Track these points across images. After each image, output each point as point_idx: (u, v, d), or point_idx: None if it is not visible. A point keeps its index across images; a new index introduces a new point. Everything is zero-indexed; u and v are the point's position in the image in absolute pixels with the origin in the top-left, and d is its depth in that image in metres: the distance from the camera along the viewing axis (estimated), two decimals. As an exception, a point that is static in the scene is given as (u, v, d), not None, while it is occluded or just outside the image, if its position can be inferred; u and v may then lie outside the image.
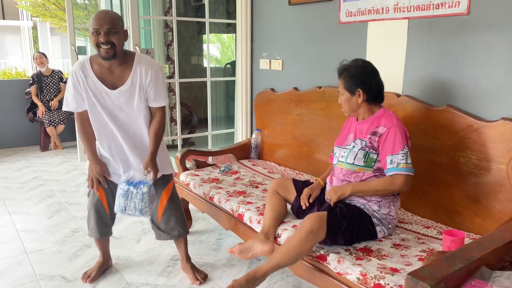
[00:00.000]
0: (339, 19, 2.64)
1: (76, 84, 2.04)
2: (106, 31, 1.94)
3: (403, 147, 1.86)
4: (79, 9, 10.40)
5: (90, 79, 2.04)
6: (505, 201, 1.86)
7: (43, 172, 4.47)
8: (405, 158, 1.85)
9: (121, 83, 2.05)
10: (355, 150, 1.97)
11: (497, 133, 1.88)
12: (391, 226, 1.96)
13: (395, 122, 1.90)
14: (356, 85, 1.94)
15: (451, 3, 2.04)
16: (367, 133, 1.96)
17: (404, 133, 1.90)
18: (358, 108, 1.99)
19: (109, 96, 2.05)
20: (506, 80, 1.91)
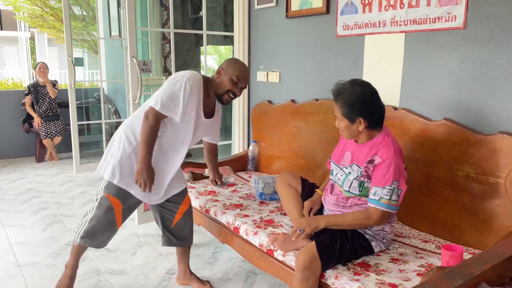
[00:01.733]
0: (336, 32, 2.65)
1: (188, 94, 2.03)
2: (243, 87, 2.15)
3: (391, 182, 1.75)
4: (77, 20, 10.42)
5: (198, 102, 2.09)
6: (503, 215, 1.85)
7: (38, 184, 4.43)
8: (389, 194, 1.75)
9: (210, 115, 2.22)
10: (350, 178, 1.89)
11: (495, 147, 1.88)
12: (385, 240, 1.93)
13: (391, 155, 1.78)
14: (356, 114, 1.80)
15: (448, 17, 2.05)
16: (364, 160, 1.86)
17: (397, 168, 1.77)
18: (358, 134, 1.87)
19: (200, 123, 2.16)
20: (502, 94, 1.91)
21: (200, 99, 2.09)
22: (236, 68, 2.12)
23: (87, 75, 11.41)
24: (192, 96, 2.04)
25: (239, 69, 2.12)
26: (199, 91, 2.08)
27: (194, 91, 2.04)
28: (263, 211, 2.41)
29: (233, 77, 2.10)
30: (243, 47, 3.46)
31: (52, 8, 11.67)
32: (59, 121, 5.37)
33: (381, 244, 1.91)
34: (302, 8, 2.88)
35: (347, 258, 1.80)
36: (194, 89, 2.04)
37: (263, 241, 2.08)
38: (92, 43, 9.37)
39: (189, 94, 2.03)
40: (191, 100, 2.05)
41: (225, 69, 2.12)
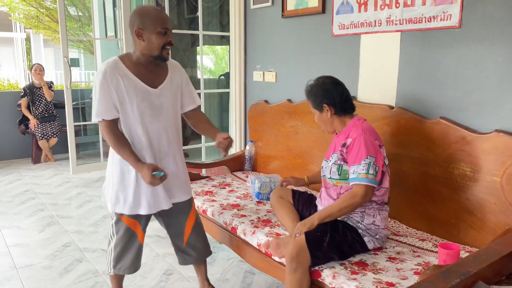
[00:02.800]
0: (332, 31, 2.65)
1: (107, 87, 1.81)
2: (171, 29, 1.86)
3: (365, 157, 1.82)
4: (72, 21, 10.40)
5: (128, 79, 1.84)
6: (499, 214, 1.85)
7: (35, 185, 4.41)
8: (366, 168, 1.81)
9: (160, 82, 1.93)
10: (330, 164, 2.00)
11: (491, 145, 1.88)
12: (379, 236, 1.92)
13: (359, 132, 1.87)
14: (321, 101, 1.97)
15: (443, 16, 2.06)
16: (338, 145, 1.98)
17: (369, 143, 1.84)
18: (331, 123, 2.00)
19: (151, 95, 1.89)
20: (498, 92, 1.92)
21: (127, 76, 1.84)
22: (153, 17, 1.82)
23: (83, 76, 11.38)
24: (111, 81, 1.81)
25: (156, 16, 1.82)
26: (117, 71, 1.82)
27: (109, 76, 1.81)
28: (260, 211, 2.41)
29: (159, 28, 1.81)
30: (239, 47, 3.46)
31: (47, 9, 11.64)
32: (55, 122, 5.35)
33: (374, 240, 1.91)
34: (298, 7, 2.88)
35: (339, 252, 1.81)
36: (107, 74, 1.81)
37: (260, 241, 2.08)
38: (88, 43, 9.35)
39: (105, 83, 1.81)
40: (109, 88, 1.81)
41: (143, 26, 1.81)
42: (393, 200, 2.28)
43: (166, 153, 1.98)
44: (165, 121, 1.95)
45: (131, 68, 1.87)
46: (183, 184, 2.08)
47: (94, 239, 3.04)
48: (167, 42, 1.84)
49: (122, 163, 1.91)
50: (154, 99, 1.90)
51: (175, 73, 2.01)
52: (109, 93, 1.82)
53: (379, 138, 1.93)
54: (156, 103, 1.91)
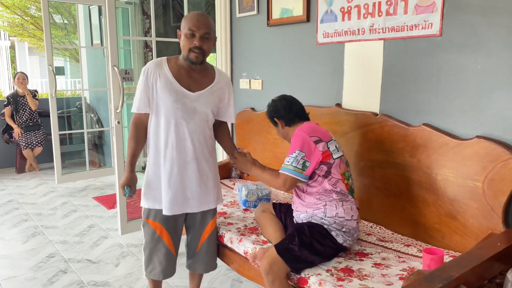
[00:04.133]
0: (316, 40, 2.68)
1: (146, 83, 1.92)
2: (202, 35, 1.86)
3: (293, 151, 1.97)
4: (58, 29, 10.30)
5: (166, 78, 1.91)
6: (482, 218, 1.88)
7: (19, 195, 4.34)
8: (291, 161, 1.95)
9: (200, 88, 1.97)
10: None
11: (472, 151, 1.92)
12: (346, 229, 1.92)
13: (296, 132, 2.04)
14: (272, 117, 2.21)
15: (424, 25, 2.10)
16: None
17: (302, 140, 1.97)
18: (287, 133, 2.18)
19: (186, 97, 1.92)
20: (478, 99, 1.96)
21: (167, 75, 1.92)
22: (187, 19, 1.88)
23: (69, 84, 11.28)
24: (150, 77, 1.91)
25: (190, 18, 1.88)
26: (159, 69, 1.92)
27: (151, 72, 1.91)
28: (247, 219, 2.41)
29: (186, 30, 1.86)
30: (226, 55, 3.47)
31: (32, 17, 11.53)
32: (39, 131, 5.29)
33: (342, 234, 1.92)
34: (283, 16, 2.91)
35: (314, 252, 1.83)
36: (150, 70, 1.92)
37: (248, 249, 2.08)
38: (74, 51, 9.29)
39: (146, 78, 1.92)
40: (148, 83, 1.92)
41: (181, 28, 1.91)
42: (378, 206, 2.31)
43: (190, 159, 1.98)
44: (196, 126, 1.97)
45: (173, 69, 1.94)
46: (208, 193, 2.06)
47: (79, 250, 3.00)
48: (192, 46, 1.87)
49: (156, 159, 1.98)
50: (188, 102, 1.93)
51: (221, 86, 2.04)
52: (146, 89, 1.92)
53: (322, 134, 2.01)
54: (189, 106, 1.93)
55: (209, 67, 2.04)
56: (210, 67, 2.05)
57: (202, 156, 2.01)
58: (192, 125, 1.95)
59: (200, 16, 1.88)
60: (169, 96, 1.90)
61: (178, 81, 1.92)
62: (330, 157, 1.97)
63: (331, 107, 2.59)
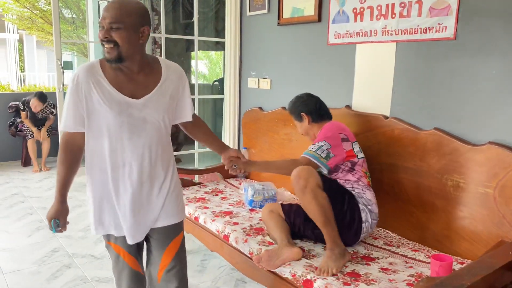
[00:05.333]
0: (327, 40, 2.66)
1: (76, 95, 1.53)
2: (108, 26, 1.48)
3: (320, 141, 2.06)
4: (66, 23, 10.34)
5: (102, 87, 1.54)
6: (492, 226, 1.85)
7: (24, 189, 4.35)
8: (315, 148, 2.05)
9: (146, 91, 1.58)
10: None
11: (484, 157, 1.89)
12: (371, 208, 2.03)
13: (325, 126, 2.16)
14: (300, 111, 2.26)
15: (438, 28, 2.07)
16: None
17: (330, 133, 2.08)
18: (311, 130, 2.26)
19: (131, 107, 1.55)
20: (492, 105, 1.93)
21: (103, 84, 1.53)
22: None
23: (76, 78, 11.29)
24: (81, 89, 1.52)
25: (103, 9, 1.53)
26: (91, 77, 1.53)
27: (82, 81, 1.52)
28: (253, 219, 2.40)
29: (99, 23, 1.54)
30: (235, 54, 3.46)
31: (41, 11, 11.58)
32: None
33: (366, 211, 2.00)
34: (294, 15, 2.88)
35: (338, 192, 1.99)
36: (80, 79, 1.53)
37: (253, 249, 2.06)
38: (82, 46, 9.31)
39: (75, 90, 1.53)
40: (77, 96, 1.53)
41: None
42: (386, 210, 2.28)
43: (146, 177, 1.61)
44: (149, 138, 1.59)
45: (109, 74, 1.55)
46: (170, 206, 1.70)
47: (84, 245, 3.00)
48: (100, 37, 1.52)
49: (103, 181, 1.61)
50: (135, 112, 1.56)
51: (171, 81, 1.65)
52: (77, 103, 1.53)
53: (349, 134, 2.14)
54: (137, 116, 1.56)
55: (151, 61, 1.64)
56: (153, 61, 1.65)
57: (161, 170, 1.65)
58: (144, 138, 1.58)
59: (111, 4, 1.51)
60: (109, 110, 1.52)
61: (117, 88, 1.54)
62: (354, 156, 2.09)
63: (341, 109, 2.57)
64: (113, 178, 1.59)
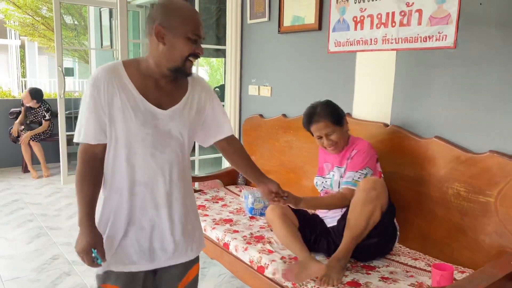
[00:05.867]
0: (328, 48, 2.67)
1: (98, 100, 1.32)
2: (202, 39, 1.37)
3: (363, 167, 1.99)
4: (68, 30, 10.39)
5: (128, 94, 1.34)
6: (494, 235, 1.85)
7: (24, 195, 4.35)
8: (361, 177, 1.98)
9: (173, 102, 1.41)
10: (336, 178, 2.12)
11: (485, 166, 1.88)
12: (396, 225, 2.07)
13: (365, 146, 2.06)
14: (341, 115, 2.10)
15: (438, 37, 2.08)
16: (344, 159, 2.11)
17: (370, 156, 2.03)
18: (345, 137, 2.12)
19: (157, 118, 1.37)
20: (492, 113, 1.93)
21: (129, 89, 1.34)
22: (186, 17, 1.34)
23: (77, 84, 11.34)
24: (105, 91, 1.31)
25: (190, 16, 1.35)
26: (117, 80, 1.33)
27: (105, 83, 1.31)
28: (253, 227, 2.39)
29: (189, 33, 1.33)
30: (235, 61, 3.47)
31: (43, 17, 11.64)
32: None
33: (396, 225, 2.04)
34: (294, 24, 2.89)
35: None
36: (103, 81, 1.31)
37: (253, 257, 2.05)
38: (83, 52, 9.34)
39: (97, 95, 1.31)
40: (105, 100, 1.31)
41: (168, 25, 1.32)
42: (387, 218, 2.27)
43: (163, 200, 1.40)
44: (172, 155, 1.40)
45: (136, 79, 1.36)
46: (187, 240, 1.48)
47: (83, 252, 2.99)
48: (194, 53, 1.35)
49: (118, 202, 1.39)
50: (161, 124, 1.37)
51: (196, 91, 1.47)
52: (98, 110, 1.32)
53: (376, 154, 2.11)
54: (162, 129, 1.38)
55: None
56: None
57: (180, 194, 1.44)
58: (168, 155, 1.39)
59: (195, 12, 1.39)
60: (134, 119, 1.33)
61: (144, 96, 1.35)
62: (381, 174, 2.10)
63: (341, 117, 2.57)
64: (128, 199, 1.38)
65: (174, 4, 1.35)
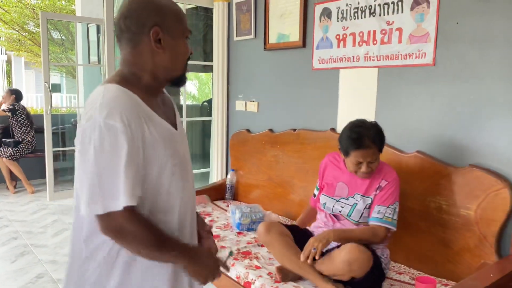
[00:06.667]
0: (312, 65, 2.72)
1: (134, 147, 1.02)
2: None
3: (394, 202, 1.90)
4: (55, 45, 10.37)
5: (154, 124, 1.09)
6: (474, 248, 1.89)
7: (9, 212, 4.29)
8: (392, 213, 1.89)
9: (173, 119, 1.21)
10: (360, 208, 1.94)
11: (465, 180, 1.93)
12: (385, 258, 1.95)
13: (395, 177, 1.93)
14: (383, 144, 1.92)
15: (418, 54, 2.14)
16: (371, 188, 1.94)
17: (399, 189, 1.93)
18: None
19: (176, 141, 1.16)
20: (471, 128, 1.98)
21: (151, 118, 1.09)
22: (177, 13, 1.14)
23: (64, 99, 11.28)
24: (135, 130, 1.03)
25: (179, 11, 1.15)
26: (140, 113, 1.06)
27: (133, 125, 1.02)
28: (240, 242, 2.40)
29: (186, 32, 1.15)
30: (222, 77, 3.51)
31: (30, 32, 11.60)
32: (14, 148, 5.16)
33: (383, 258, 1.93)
34: (279, 41, 2.95)
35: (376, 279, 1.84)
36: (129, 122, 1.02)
37: (240, 273, 2.06)
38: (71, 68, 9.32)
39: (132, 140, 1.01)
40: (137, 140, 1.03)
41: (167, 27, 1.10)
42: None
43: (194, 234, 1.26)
44: (192, 181, 1.25)
45: (147, 102, 1.10)
46: None
47: (69, 270, 2.96)
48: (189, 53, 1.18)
49: None
50: (179, 148, 1.18)
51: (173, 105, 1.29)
52: (135, 156, 1.03)
53: None
54: (182, 153, 1.18)
55: None
56: None
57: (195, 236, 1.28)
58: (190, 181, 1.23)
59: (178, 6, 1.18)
60: (164, 152, 1.10)
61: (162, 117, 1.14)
62: None
63: (326, 132, 2.61)
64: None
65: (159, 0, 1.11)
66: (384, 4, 2.26)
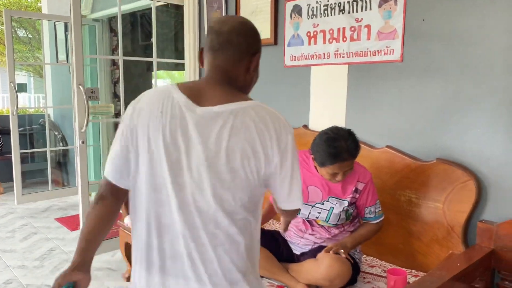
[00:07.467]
0: (284, 62, 2.73)
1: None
2: None
3: (377, 199, 1.98)
4: (21, 43, 10.02)
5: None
6: (442, 239, 1.94)
7: (-26, 217, 4.13)
8: (380, 206, 2.00)
9: None
10: (336, 212, 1.91)
11: (433, 173, 1.98)
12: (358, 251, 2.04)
13: (369, 176, 1.96)
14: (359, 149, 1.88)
15: (386, 51, 2.18)
16: (346, 191, 1.93)
17: (374, 184, 1.99)
18: None
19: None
20: (438, 123, 2.04)
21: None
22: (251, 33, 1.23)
23: (32, 100, 10.93)
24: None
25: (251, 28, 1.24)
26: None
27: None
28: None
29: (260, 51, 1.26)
30: (194, 75, 3.48)
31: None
32: None
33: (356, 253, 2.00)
34: (251, 38, 2.94)
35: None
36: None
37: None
38: (38, 67, 9.05)
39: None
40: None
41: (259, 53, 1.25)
42: (345, 227, 2.33)
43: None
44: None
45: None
46: None
47: (39, 275, 2.87)
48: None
49: None
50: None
51: None
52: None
53: None
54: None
55: None
56: None
57: None
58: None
59: None
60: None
61: None
62: None
63: (298, 128, 2.63)
64: None
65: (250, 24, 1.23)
66: (353, 1, 2.29)
